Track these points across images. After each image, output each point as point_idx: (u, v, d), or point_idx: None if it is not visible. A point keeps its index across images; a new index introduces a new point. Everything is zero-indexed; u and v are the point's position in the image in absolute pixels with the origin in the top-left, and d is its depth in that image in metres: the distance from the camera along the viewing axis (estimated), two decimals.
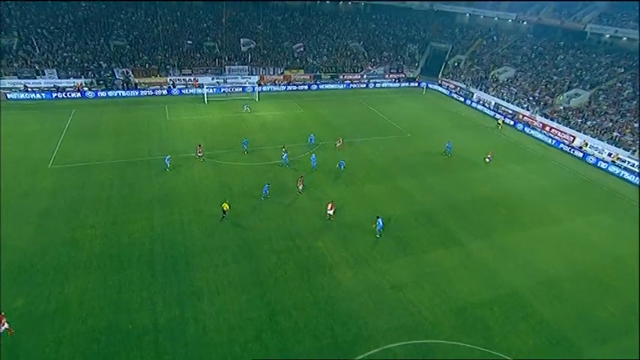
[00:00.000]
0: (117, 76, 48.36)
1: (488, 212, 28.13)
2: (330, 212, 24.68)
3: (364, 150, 35.92)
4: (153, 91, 48.59)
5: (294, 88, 55.29)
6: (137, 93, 47.91)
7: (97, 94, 46.63)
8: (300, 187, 27.30)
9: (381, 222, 23.87)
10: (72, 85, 46.51)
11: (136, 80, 49.06)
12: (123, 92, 47.51)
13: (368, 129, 40.55)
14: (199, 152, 31.06)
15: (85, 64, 48.46)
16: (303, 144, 35.71)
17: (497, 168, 34.95)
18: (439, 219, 26.80)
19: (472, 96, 56.22)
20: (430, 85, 61.75)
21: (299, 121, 41.58)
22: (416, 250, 23.77)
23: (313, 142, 34.73)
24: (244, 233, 23.90)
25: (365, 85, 60.42)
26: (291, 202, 27.11)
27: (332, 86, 58.18)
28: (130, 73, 48.88)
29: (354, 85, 59.77)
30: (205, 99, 45.86)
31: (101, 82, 47.80)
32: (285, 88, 54.90)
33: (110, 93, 47.15)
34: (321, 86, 57.37)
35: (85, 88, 47.07)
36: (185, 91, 49.73)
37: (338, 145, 34.63)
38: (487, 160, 34.67)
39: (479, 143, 40.46)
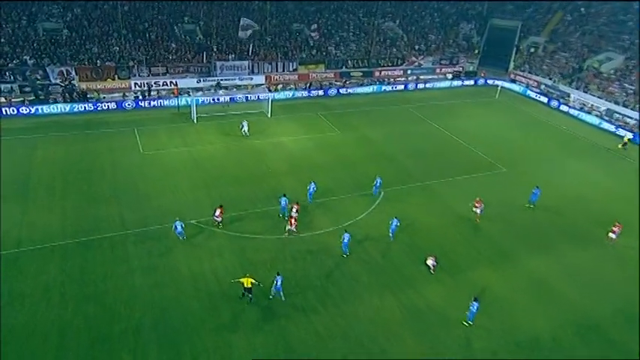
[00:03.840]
0: (52, 80, 43.16)
1: None
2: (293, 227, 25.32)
3: (449, 201, 31.04)
4: (112, 103, 42.75)
5: (310, 93, 50.61)
6: (88, 107, 41.90)
7: (21, 110, 39.81)
8: (293, 227, 25.44)
9: (476, 306, 20.70)
10: None
11: (84, 86, 43.93)
12: (64, 106, 41.14)
13: (443, 161, 36.72)
14: (218, 217, 25.72)
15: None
16: (359, 193, 30.82)
17: None
18: (619, 337, 21.25)
19: (568, 98, 51.14)
20: (498, 82, 57.23)
21: (341, 152, 37.31)
22: None
23: (377, 189, 30.50)
24: None
25: (405, 86, 55.61)
26: (372, 313, 21.50)
27: (366, 90, 53.39)
28: (73, 73, 43.81)
29: (393, 87, 55.04)
30: (194, 115, 40.83)
31: (27, 89, 42.49)
32: (292, 93, 49.94)
33: (44, 108, 40.51)
34: (351, 89, 52.83)
35: (1, 100, 40.52)
36: (158, 103, 44.30)
37: (477, 213, 28.58)
38: (612, 235, 27.30)
39: (608, 180, 35.49)
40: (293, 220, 25.29)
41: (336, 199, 29.78)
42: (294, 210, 26.27)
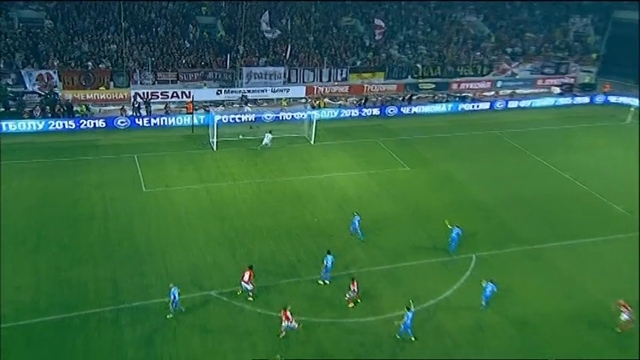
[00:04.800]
0: (28, 87, 44.83)
1: None
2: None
3: (574, 275, 29.61)
4: (100, 121, 43.62)
5: (361, 111, 51.48)
6: (68, 125, 42.78)
7: None
8: (289, 323, 23.54)
9: None
10: None
11: (69, 95, 45.02)
12: (38, 123, 41.96)
13: (557, 215, 35.83)
14: (247, 282, 25.41)
15: None
16: (441, 258, 30.06)
17: None
18: None
19: None
20: (628, 99, 56.33)
21: (412, 196, 37.25)
22: None
23: (455, 244, 30.60)
24: None
25: (490, 105, 55.42)
26: None
27: (437, 108, 53.87)
28: (55, 79, 45.42)
29: (474, 105, 55.22)
30: (213, 139, 41.50)
31: None
32: (338, 111, 50.36)
33: (11, 125, 41.30)
34: (416, 107, 53.18)
35: None
36: (162, 121, 45.10)
37: (624, 320, 26.10)
38: None
39: None
40: (288, 313, 23.63)
41: (409, 267, 29.02)
42: (351, 289, 25.34)
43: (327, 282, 26.75)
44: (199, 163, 38.81)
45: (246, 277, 25.05)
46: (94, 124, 43.03)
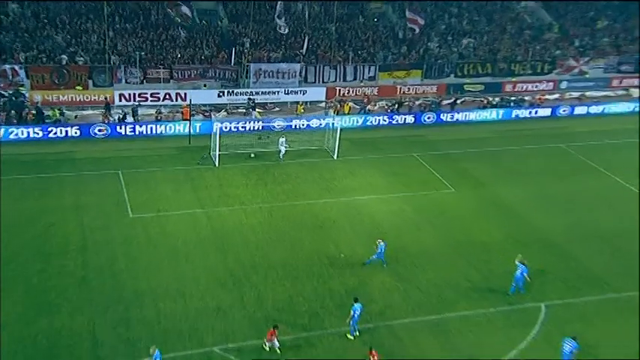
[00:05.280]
0: None
1: None
2: None
3: None
4: (75, 129, 43.89)
5: (391, 119, 52.55)
6: (38, 133, 43.31)
7: None
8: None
9: None
10: None
11: (38, 96, 45.97)
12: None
13: None
14: (269, 340, 25.76)
15: None
16: (499, 307, 29.44)
17: None
18: None
19: None
20: None
21: (459, 226, 37.21)
22: None
23: (522, 283, 30.57)
24: None
25: (552, 111, 55.63)
26: None
27: (486, 115, 54.20)
28: (22, 76, 46.14)
29: (531, 111, 55.58)
30: (214, 151, 41.99)
31: None
32: (363, 117, 51.03)
33: None
34: (459, 114, 53.80)
35: None
36: (148, 129, 45.49)
37: None
38: None
39: None
40: None
41: (460, 317, 28.48)
42: None
43: (358, 334, 26.32)
44: (198, 181, 39.06)
45: (273, 335, 25.30)
46: (66, 132, 43.33)
